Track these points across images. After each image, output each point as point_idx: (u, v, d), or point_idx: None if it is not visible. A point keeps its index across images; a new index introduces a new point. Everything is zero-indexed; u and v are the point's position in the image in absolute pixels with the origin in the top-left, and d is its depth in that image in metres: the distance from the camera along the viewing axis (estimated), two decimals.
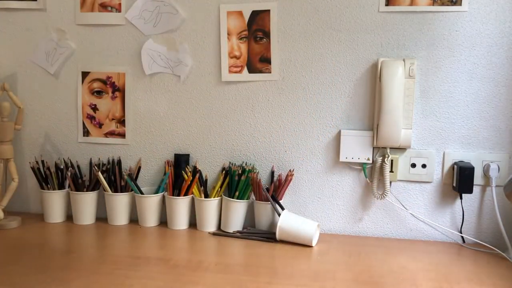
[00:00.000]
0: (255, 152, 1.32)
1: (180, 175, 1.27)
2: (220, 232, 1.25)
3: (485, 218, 1.21)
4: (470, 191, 1.17)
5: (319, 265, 1.03)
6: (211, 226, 1.27)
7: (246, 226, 1.28)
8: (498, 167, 1.17)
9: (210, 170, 1.34)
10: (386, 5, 1.20)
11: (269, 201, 1.21)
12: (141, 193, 1.30)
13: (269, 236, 1.20)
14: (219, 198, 1.27)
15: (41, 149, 1.40)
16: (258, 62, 1.28)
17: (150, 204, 1.29)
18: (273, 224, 1.24)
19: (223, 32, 1.29)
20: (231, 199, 1.24)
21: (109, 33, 1.34)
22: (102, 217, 1.36)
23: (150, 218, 1.30)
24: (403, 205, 1.25)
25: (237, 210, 1.25)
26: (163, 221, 1.32)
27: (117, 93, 1.35)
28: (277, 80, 1.28)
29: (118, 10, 1.32)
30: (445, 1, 1.17)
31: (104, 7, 1.33)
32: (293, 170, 1.28)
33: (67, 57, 1.36)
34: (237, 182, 1.25)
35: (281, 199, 1.25)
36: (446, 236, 1.23)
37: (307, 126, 1.28)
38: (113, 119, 1.36)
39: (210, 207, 1.26)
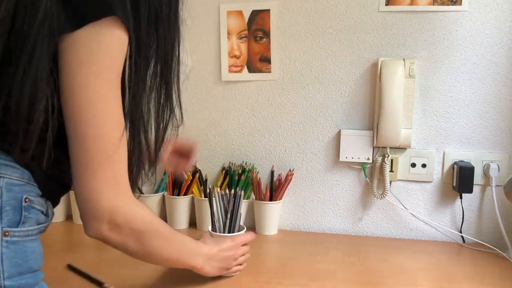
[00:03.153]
0: (255, 152, 1.32)
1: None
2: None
3: (485, 218, 1.21)
4: (470, 190, 1.17)
5: (319, 265, 1.03)
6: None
7: (246, 226, 1.28)
8: (498, 166, 1.17)
9: (210, 170, 1.34)
10: (386, 4, 1.20)
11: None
12: (141, 192, 1.30)
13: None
14: None
15: None
16: (258, 62, 1.28)
17: (150, 204, 1.29)
18: (273, 224, 1.24)
19: (223, 31, 1.29)
20: None
21: None
22: None
23: None
24: (403, 205, 1.25)
25: None
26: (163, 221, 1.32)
27: None
28: (277, 79, 1.28)
29: None
30: (445, 0, 1.17)
31: None
32: (293, 170, 1.28)
33: None
34: (237, 181, 1.25)
35: (281, 199, 1.25)
36: (446, 236, 1.23)
37: (307, 126, 1.28)
38: None
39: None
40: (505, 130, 1.19)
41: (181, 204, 1.27)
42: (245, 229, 1.01)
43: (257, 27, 1.27)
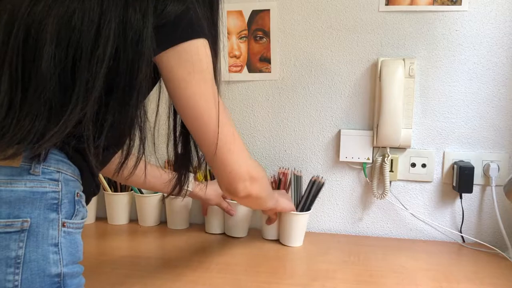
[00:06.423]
0: (255, 152, 1.32)
1: None
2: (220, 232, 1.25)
3: (485, 218, 1.21)
4: (470, 190, 1.17)
5: (319, 265, 1.03)
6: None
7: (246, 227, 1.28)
8: (498, 166, 1.17)
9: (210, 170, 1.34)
10: (386, 4, 1.20)
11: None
12: (141, 192, 1.30)
13: None
14: None
15: None
16: (258, 62, 1.28)
17: (150, 204, 1.29)
18: (274, 226, 1.24)
19: (223, 31, 1.29)
20: (232, 201, 1.24)
21: None
22: (102, 217, 1.36)
23: (150, 217, 1.30)
24: (403, 205, 1.25)
25: (237, 210, 1.24)
26: (163, 221, 1.32)
27: None
28: (277, 79, 1.28)
29: None
30: (445, 0, 1.17)
31: None
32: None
33: None
34: None
35: None
36: (446, 235, 1.23)
37: (307, 125, 1.28)
38: None
39: (210, 206, 1.26)
40: (505, 130, 1.19)
41: (181, 205, 1.27)
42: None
43: (257, 27, 1.27)
